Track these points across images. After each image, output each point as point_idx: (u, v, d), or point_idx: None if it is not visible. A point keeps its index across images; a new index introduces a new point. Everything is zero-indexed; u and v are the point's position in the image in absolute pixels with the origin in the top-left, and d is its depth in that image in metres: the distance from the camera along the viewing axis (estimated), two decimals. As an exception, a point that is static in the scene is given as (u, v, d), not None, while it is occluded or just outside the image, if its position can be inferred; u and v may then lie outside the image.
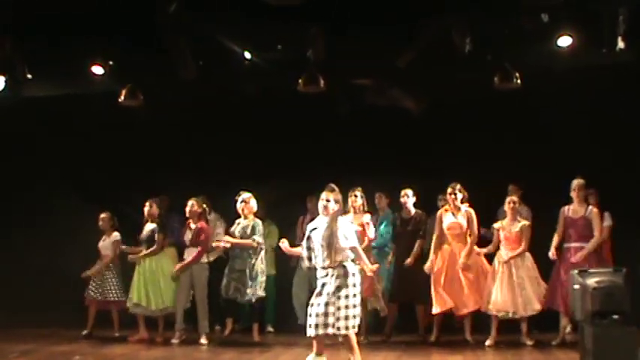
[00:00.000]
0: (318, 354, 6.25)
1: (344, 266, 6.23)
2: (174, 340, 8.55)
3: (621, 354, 6.05)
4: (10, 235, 10.43)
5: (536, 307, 7.92)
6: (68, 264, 9.45)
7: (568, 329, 7.95)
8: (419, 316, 8.51)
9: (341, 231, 6.25)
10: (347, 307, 6.18)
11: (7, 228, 10.48)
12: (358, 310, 6.26)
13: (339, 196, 6.41)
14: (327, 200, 6.34)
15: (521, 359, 7.47)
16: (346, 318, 6.18)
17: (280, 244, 6.90)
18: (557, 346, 7.85)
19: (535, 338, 8.06)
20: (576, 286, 6.39)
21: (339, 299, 6.16)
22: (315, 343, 6.24)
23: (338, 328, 6.17)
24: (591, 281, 6.28)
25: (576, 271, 6.49)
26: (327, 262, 6.21)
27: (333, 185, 6.44)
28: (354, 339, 6.29)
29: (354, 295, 6.23)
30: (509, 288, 7.93)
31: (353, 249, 6.33)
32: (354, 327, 6.24)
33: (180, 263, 8.59)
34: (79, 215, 9.44)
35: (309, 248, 6.37)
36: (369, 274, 6.77)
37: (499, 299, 7.96)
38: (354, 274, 6.26)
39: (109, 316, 9.12)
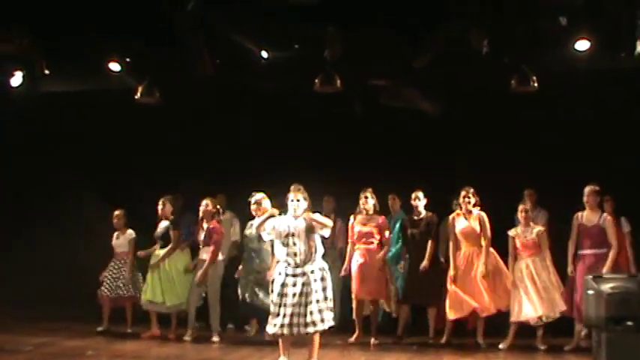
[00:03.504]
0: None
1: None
2: (187, 338, 8.56)
3: (635, 360, 6.04)
4: (26, 230, 10.50)
5: (561, 308, 7.81)
6: (82, 259, 9.52)
7: (582, 334, 7.89)
8: (430, 318, 8.49)
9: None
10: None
11: (24, 223, 10.56)
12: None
13: (306, 194, 6.65)
14: (297, 200, 6.54)
15: (533, 364, 7.45)
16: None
17: None
18: (570, 352, 7.79)
19: (548, 343, 8.00)
20: (590, 292, 6.35)
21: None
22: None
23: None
24: (606, 287, 6.25)
25: (590, 277, 6.45)
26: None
27: (298, 185, 6.64)
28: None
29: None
30: (537, 293, 7.84)
31: None
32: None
33: (201, 269, 8.48)
34: (94, 211, 9.49)
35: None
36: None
37: (530, 309, 7.86)
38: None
39: (123, 312, 9.16)
